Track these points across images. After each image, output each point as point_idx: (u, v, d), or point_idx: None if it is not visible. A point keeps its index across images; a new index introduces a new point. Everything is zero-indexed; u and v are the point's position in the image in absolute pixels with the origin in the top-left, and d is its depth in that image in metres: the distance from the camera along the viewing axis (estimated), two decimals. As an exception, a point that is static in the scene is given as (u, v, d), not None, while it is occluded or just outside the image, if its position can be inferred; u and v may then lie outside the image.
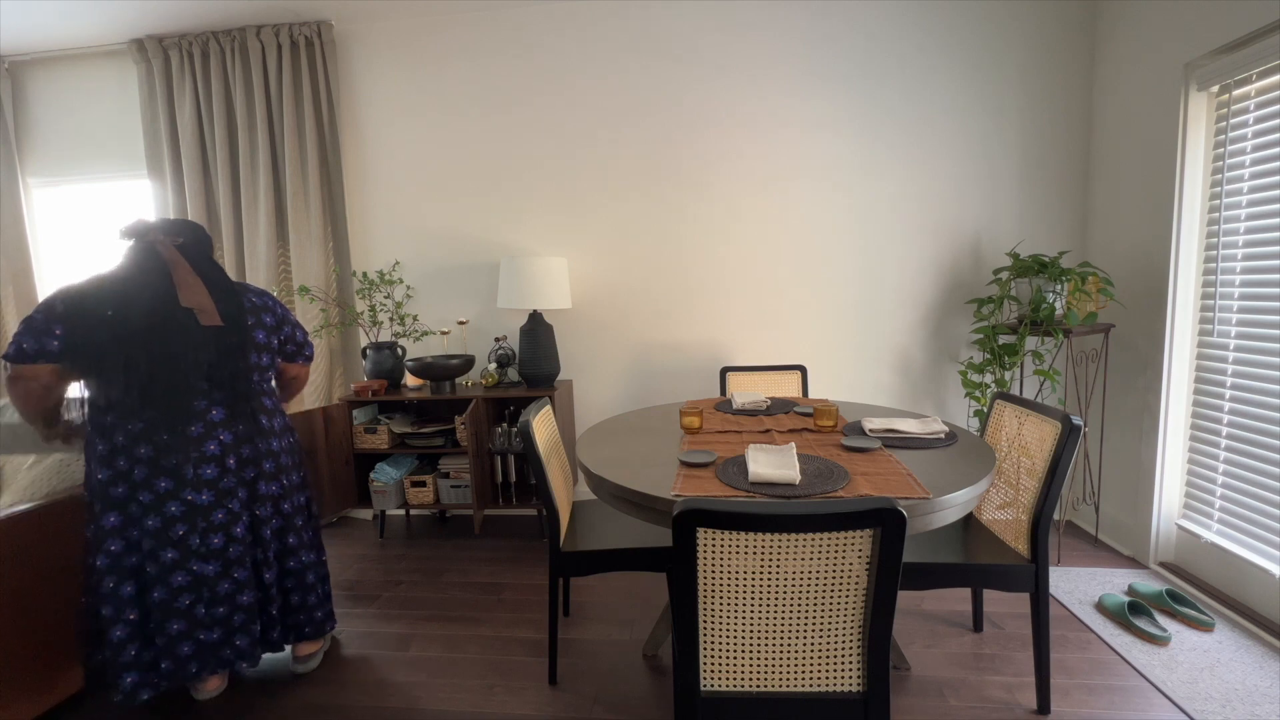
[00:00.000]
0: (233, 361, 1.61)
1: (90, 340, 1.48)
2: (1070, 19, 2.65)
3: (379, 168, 3.08)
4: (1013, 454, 1.72)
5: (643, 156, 2.93)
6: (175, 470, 1.54)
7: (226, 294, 1.64)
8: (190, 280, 1.59)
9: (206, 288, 1.61)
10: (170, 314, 1.53)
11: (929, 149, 2.79)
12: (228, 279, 1.67)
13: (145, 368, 1.50)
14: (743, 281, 2.96)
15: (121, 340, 1.49)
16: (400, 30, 2.98)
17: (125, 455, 1.52)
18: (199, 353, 1.56)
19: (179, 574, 1.56)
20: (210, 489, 1.58)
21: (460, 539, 2.91)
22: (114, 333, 1.48)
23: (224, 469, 1.60)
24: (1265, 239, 1.97)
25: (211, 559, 1.59)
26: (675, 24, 2.83)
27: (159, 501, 1.54)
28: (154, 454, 1.53)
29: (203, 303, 1.58)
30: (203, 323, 1.57)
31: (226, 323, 1.60)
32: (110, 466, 1.52)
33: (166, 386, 1.52)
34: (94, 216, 3.34)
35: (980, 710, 1.64)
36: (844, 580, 1.03)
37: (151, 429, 1.52)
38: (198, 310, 1.57)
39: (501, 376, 2.92)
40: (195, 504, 1.56)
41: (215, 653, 1.63)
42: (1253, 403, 2.03)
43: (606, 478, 1.45)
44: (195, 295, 1.58)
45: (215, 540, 1.60)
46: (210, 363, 1.58)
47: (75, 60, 3.16)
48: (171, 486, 1.54)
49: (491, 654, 1.97)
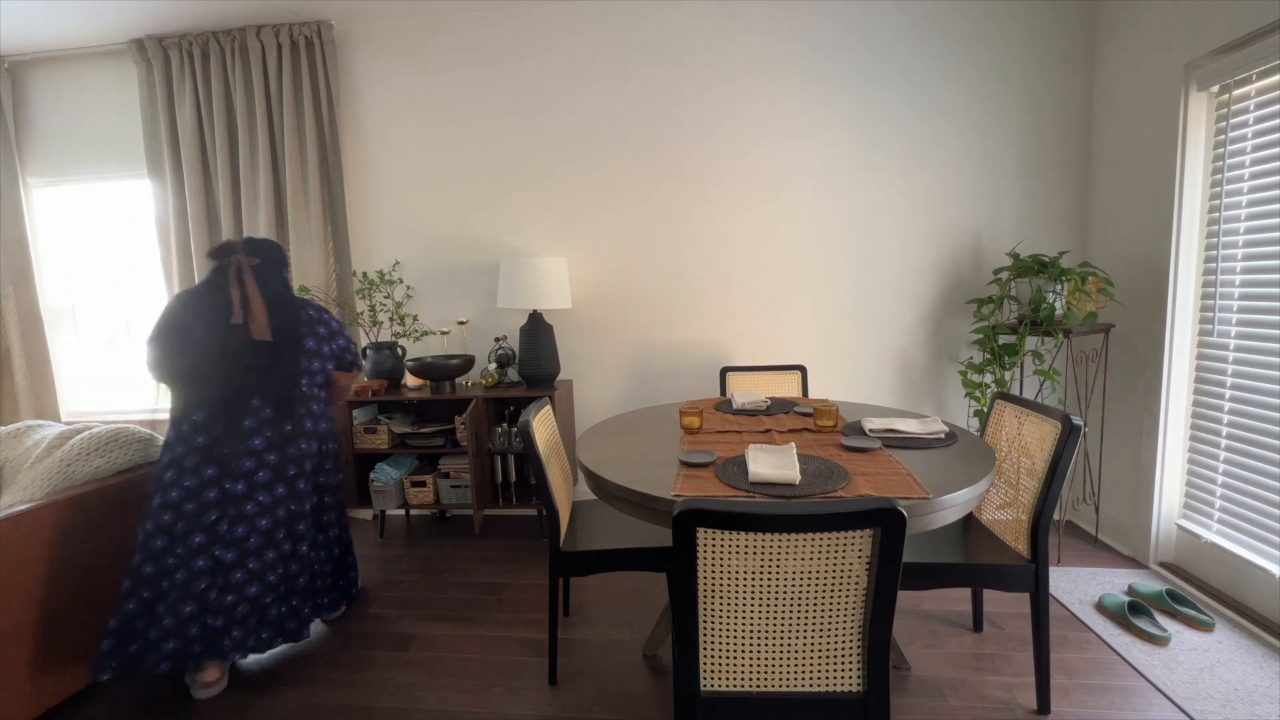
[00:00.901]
0: (280, 369, 1.82)
1: (169, 343, 1.77)
2: (1070, 19, 2.65)
3: (379, 168, 3.08)
4: (1013, 454, 1.72)
5: (643, 157, 2.93)
6: (224, 460, 1.72)
7: (284, 310, 1.86)
8: (252, 297, 1.81)
9: (265, 305, 1.82)
10: (222, 327, 1.77)
11: (929, 149, 2.79)
12: (290, 296, 1.91)
13: (203, 371, 1.74)
14: (743, 281, 2.96)
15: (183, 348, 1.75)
16: (400, 30, 2.98)
17: (184, 443, 1.73)
18: (245, 361, 1.77)
19: (201, 558, 1.69)
20: (246, 480, 1.73)
21: (460, 539, 2.91)
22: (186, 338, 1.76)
23: (262, 463, 1.76)
24: (1265, 239, 1.97)
25: (233, 547, 1.72)
26: (675, 25, 2.83)
27: (202, 487, 1.70)
28: (208, 443, 1.72)
29: (258, 318, 1.80)
30: (254, 336, 1.79)
31: (276, 336, 1.82)
32: (170, 451, 1.74)
33: (220, 388, 1.74)
34: (94, 216, 3.34)
35: (980, 710, 1.64)
36: (844, 580, 1.03)
37: (212, 420, 1.73)
38: (252, 325, 1.79)
39: (501, 376, 2.92)
40: (231, 493, 1.71)
41: (217, 640, 1.69)
42: (1253, 403, 2.03)
43: (606, 478, 1.45)
44: (251, 313, 1.80)
45: (239, 530, 1.73)
46: (258, 369, 1.78)
47: (75, 60, 3.16)
48: (216, 474, 1.71)
49: (491, 654, 1.97)
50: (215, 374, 1.74)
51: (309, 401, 1.90)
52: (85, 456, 1.86)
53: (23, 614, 1.59)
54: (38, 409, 3.29)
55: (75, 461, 1.84)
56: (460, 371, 2.82)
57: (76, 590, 1.73)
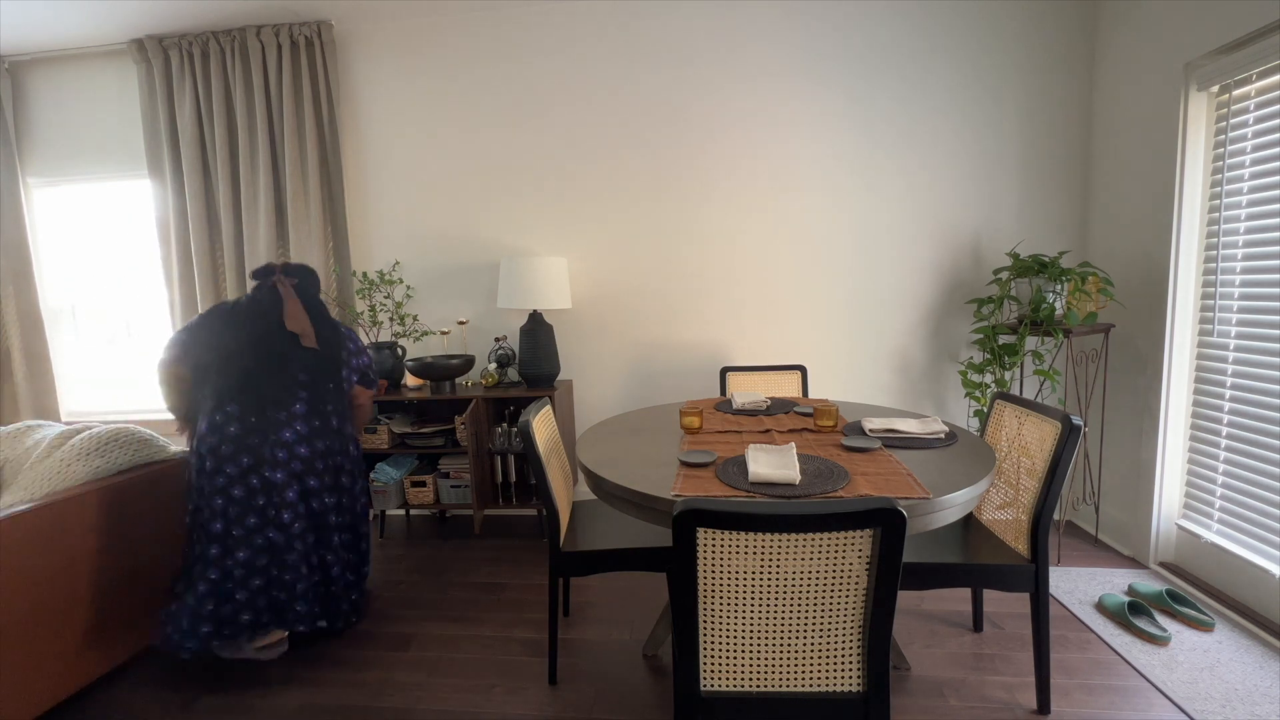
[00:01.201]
0: (324, 375, 2.00)
1: (203, 344, 1.93)
2: (1070, 19, 2.65)
3: (379, 167, 3.08)
4: (1013, 454, 1.72)
5: (644, 157, 2.93)
6: (256, 449, 1.83)
7: (326, 324, 2.06)
8: (298, 312, 2.01)
9: (310, 318, 2.02)
10: (278, 334, 1.96)
11: (929, 149, 2.79)
12: (328, 314, 2.11)
13: (249, 365, 1.88)
14: (743, 281, 2.96)
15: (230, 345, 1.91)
16: (400, 30, 2.98)
17: (217, 432, 1.82)
18: (296, 365, 1.94)
19: (259, 537, 1.83)
20: (283, 469, 1.85)
21: (460, 539, 2.91)
22: (224, 339, 1.92)
23: (293, 455, 1.88)
24: (1265, 239, 1.97)
25: (282, 529, 1.85)
26: (675, 27, 2.83)
27: (244, 474, 1.81)
28: (241, 432, 1.82)
29: (305, 329, 2.00)
30: (304, 344, 1.98)
31: (321, 346, 2.01)
32: (204, 441, 1.82)
33: (264, 383, 1.89)
34: (94, 216, 3.34)
35: (980, 710, 1.64)
36: (844, 580, 1.03)
37: (246, 412, 1.84)
38: (300, 335, 1.98)
39: (501, 376, 2.92)
40: (271, 481, 1.83)
41: (283, 612, 1.86)
42: (1253, 403, 2.03)
43: (606, 478, 1.45)
44: (300, 323, 2.00)
45: (285, 515, 1.85)
46: (305, 373, 1.95)
47: (75, 60, 3.16)
48: (252, 462, 1.82)
49: (491, 654, 1.97)
50: (258, 371, 1.89)
51: (340, 409, 2.07)
52: (85, 456, 1.86)
53: (23, 613, 1.59)
54: (38, 409, 3.29)
55: (75, 461, 1.84)
56: (460, 371, 2.82)
57: (77, 590, 1.73)
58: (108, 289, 3.39)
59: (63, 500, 1.71)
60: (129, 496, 1.90)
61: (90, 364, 3.45)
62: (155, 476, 1.99)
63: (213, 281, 3.09)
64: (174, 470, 2.06)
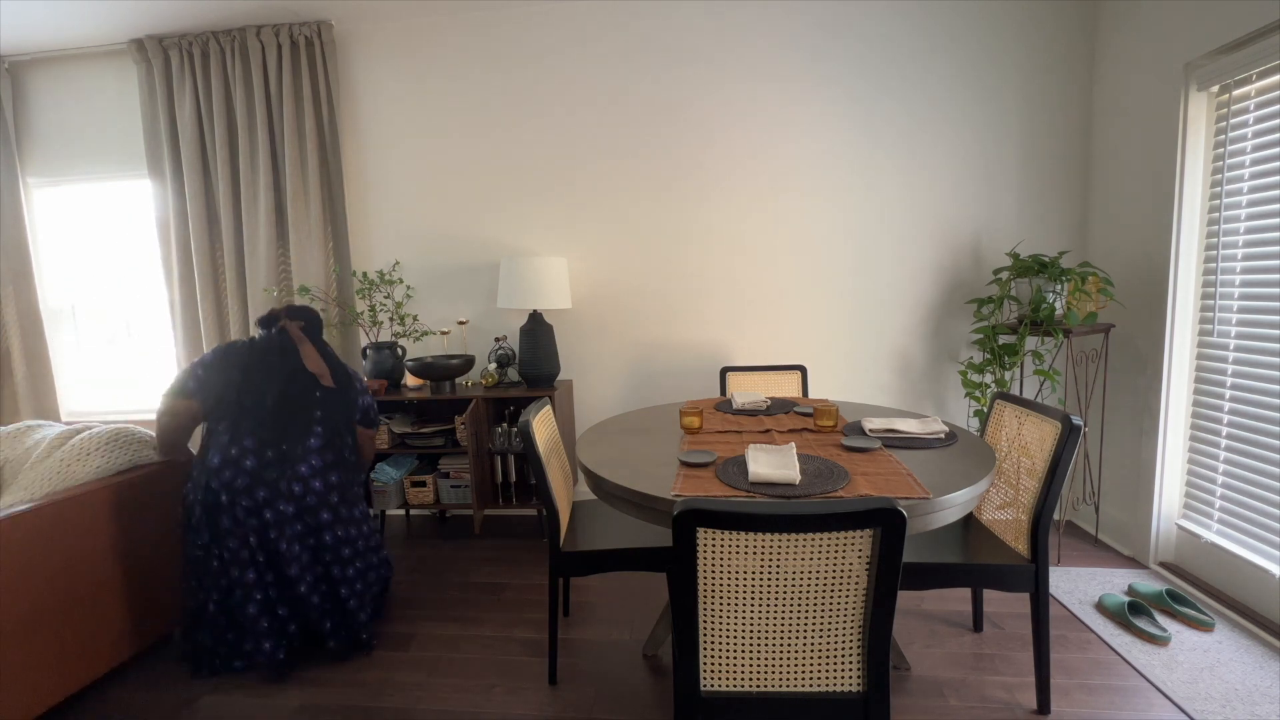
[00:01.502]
0: (340, 414, 2.06)
1: (221, 380, 1.95)
2: (1070, 19, 2.65)
3: (379, 168, 3.08)
4: (1013, 454, 1.72)
5: (644, 156, 2.93)
6: (274, 483, 1.85)
7: (337, 366, 2.12)
8: (312, 354, 2.09)
9: (324, 360, 2.10)
10: (299, 374, 2.01)
11: (929, 149, 2.79)
12: (335, 355, 2.16)
13: (270, 402, 1.92)
14: (743, 281, 2.96)
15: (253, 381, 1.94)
16: (401, 30, 2.98)
17: (233, 466, 1.83)
18: (314, 404, 2.00)
19: (270, 572, 1.86)
20: (296, 503, 1.87)
21: (460, 539, 2.91)
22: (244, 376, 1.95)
23: (309, 489, 1.91)
24: (1265, 239, 1.97)
25: (292, 563, 1.87)
26: (675, 27, 2.83)
27: (257, 508, 1.82)
28: (258, 467, 1.85)
29: (322, 369, 2.08)
30: (323, 384, 2.04)
31: (338, 386, 2.07)
32: (218, 476, 1.83)
33: (285, 420, 1.93)
34: (94, 216, 3.34)
35: (980, 710, 1.64)
36: (844, 580, 1.03)
37: (263, 446, 1.87)
38: (319, 375, 2.05)
39: (501, 376, 2.92)
40: (284, 514, 1.85)
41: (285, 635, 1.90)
42: (1253, 403, 2.03)
43: (606, 478, 1.45)
44: (318, 364, 2.08)
45: (295, 547, 1.88)
46: (322, 410, 2.01)
47: (75, 60, 3.16)
48: (269, 496, 1.84)
49: (491, 654, 1.97)
50: (278, 408, 1.93)
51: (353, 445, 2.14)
52: (86, 456, 1.86)
53: (23, 613, 1.59)
54: (38, 409, 3.29)
55: (76, 461, 1.84)
56: (460, 371, 2.82)
57: (77, 590, 1.73)
58: (108, 289, 3.39)
59: (63, 500, 1.71)
60: (129, 496, 1.90)
61: (90, 364, 3.45)
62: (155, 476, 2.00)
63: (213, 281, 3.09)
64: (174, 471, 2.06)
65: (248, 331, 3.09)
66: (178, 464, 2.08)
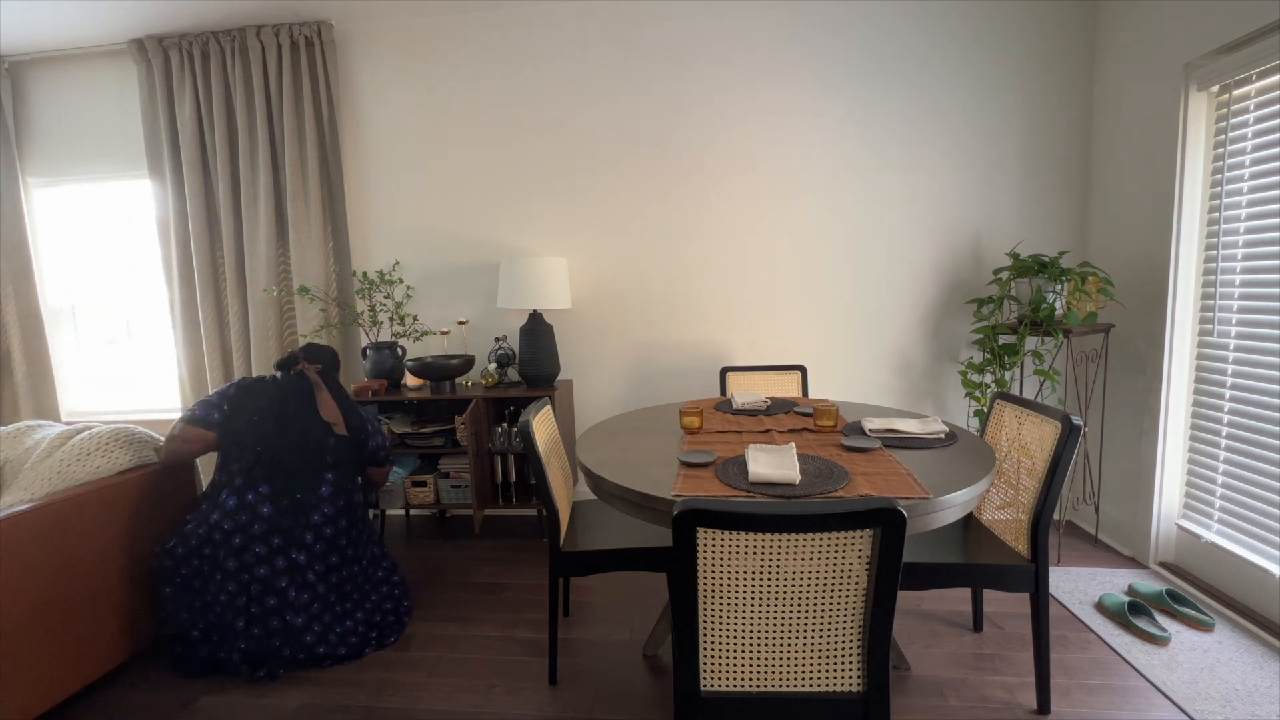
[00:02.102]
0: (351, 461, 2.10)
1: (243, 420, 1.98)
2: (1070, 19, 2.65)
3: (379, 168, 3.08)
4: (1013, 454, 1.72)
5: (644, 156, 2.93)
6: (289, 530, 1.90)
7: (351, 412, 2.16)
8: (328, 400, 2.14)
9: (339, 406, 2.13)
10: (314, 421, 2.04)
11: (929, 149, 2.79)
12: (350, 398, 2.20)
13: (286, 446, 1.96)
14: (743, 281, 2.96)
15: (270, 424, 1.98)
16: (400, 30, 2.98)
17: (249, 511, 1.87)
18: (328, 451, 2.02)
19: (275, 619, 1.87)
20: (307, 551, 1.92)
21: (460, 539, 2.91)
22: (263, 420, 1.98)
23: (320, 536, 1.94)
24: (1265, 239, 1.97)
25: (301, 611, 1.90)
26: (676, 28, 2.83)
27: (271, 554, 1.87)
28: (274, 513, 1.89)
29: (337, 418, 2.11)
30: (336, 432, 2.07)
31: (350, 434, 2.11)
32: (234, 519, 1.86)
33: (300, 467, 1.96)
34: (94, 216, 3.34)
35: (980, 710, 1.64)
36: (844, 580, 1.03)
37: (278, 494, 1.91)
38: (333, 423, 2.08)
39: (501, 376, 2.92)
40: (296, 562, 1.89)
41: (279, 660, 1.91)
42: (1253, 403, 2.03)
43: (606, 478, 1.45)
44: (332, 412, 2.11)
45: (304, 596, 1.91)
46: (334, 457, 2.03)
47: (75, 60, 3.16)
48: (282, 543, 1.89)
49: (491, 654, 1.97)
50: (293, 454, 1.97)
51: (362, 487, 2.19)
52: (86, 456, 1.86)
53: (23, 614, 1.59)
54: (38, 409, 3.29)
55: (75, 461, 1.84)
56: (460, 371, 2.82)
57: (77, 590, 1.73)
58: (108, 289, 3.39)
59: (63, 500, 1.71)
60: (129, 497, 1.90)
61: (90, 364, 3.45)
62: (155, 477, 1.99)
63: (213, 281, 3.09)
64: (174, 472, 2.06)
65: (247, 332, 3.10)
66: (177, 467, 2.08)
